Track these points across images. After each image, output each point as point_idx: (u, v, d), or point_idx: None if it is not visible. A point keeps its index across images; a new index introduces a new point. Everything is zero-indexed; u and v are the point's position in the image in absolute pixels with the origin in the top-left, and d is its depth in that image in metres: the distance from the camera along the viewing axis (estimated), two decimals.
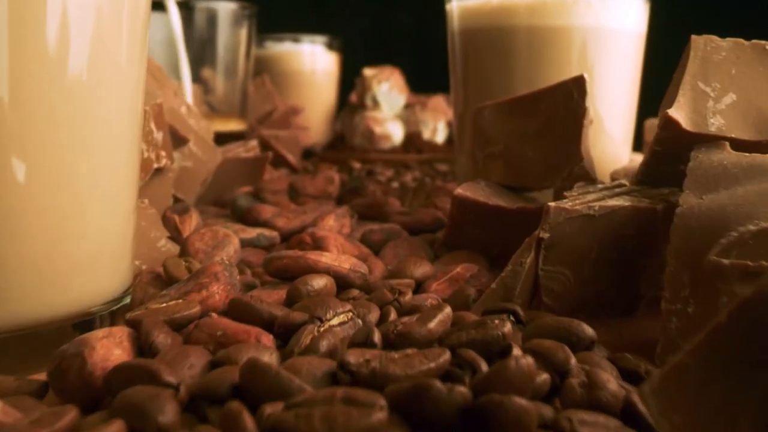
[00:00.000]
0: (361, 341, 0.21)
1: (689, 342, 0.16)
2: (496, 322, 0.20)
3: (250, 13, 0.78)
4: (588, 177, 0.35)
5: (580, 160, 0.35)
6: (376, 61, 0.93)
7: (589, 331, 0.24)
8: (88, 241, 0.26)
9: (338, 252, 0.33)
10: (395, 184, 0.66)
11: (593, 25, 0.49)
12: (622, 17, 0.49)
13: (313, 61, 1.13)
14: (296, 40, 1.13)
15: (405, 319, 0.21)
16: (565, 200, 0.30)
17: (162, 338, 0.22)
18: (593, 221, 0.29)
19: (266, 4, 1.04)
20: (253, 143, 0.62)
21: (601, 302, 0.31)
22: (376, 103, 0.85)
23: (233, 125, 0.76)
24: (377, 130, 0.81)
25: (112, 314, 0.27)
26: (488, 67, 0.51)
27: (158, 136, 0.42)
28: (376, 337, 0.20)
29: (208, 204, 0.55)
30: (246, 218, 0.43)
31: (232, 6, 0.77)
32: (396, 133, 0.82)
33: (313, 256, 0.29)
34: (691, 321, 0.24)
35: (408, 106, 0.88)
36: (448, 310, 0.21)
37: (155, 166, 0.41)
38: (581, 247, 0.30)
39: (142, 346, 0.22)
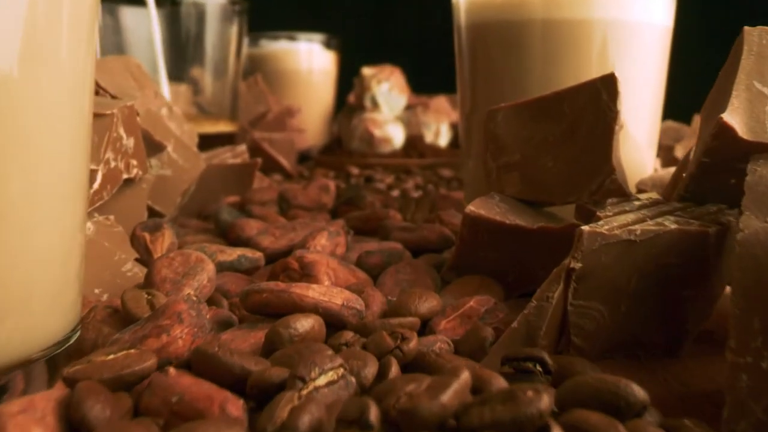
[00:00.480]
0: (354, 418, 0.16)
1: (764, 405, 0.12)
2: (530, 394, 0.16)
3: (240, 10, 0.74)
4: (620, 192, 0.30)
5: (611, 172, 0.30)
6: (376, 60, 0.88)
7: (640, 394, 0.19)
8: (20, 271, 0.21)
9: (330, 280, 0.28)
10: (396, 192, 0.62)
11: (616, 18, 0.44)
12: (647, 9, 0.44)
13: (309, 60, 1.08)
14: (292, 38, 1.08)
15: (410, 387, 0.17)
16: (599, 222, 0.25)
17: (97, 411, 0.17)
18: (633, 248, 0.25)
19: (261, 1, 0.99)
20: (242, 148, 0.57)
21: (640, 341, 0.26)
22: (375, 105, 0.80)
23: (223, 127, 0.71)
24: (377, 133, 0.76)
25: (51, 362, 0.22)
26: (499, 65, 0.47)
27: (129, 142, 0.37)
28: (373, 414, 0.16)
29: (190, 216, 0.50)
30: (228, 235, 0.38)
31: (221, 2, 0.72)
32: (396, 136, 0.78)
33: (299, 289, 0.24)
34: (766, 379, 0.20)
35: (409, 108, 0.84)
36: (465, 375, 0.16)
37: (124, 176, 0.37)
38: (618, 278, 0.25)
39: (72, 421, 0.17)
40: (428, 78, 1.42)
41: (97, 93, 0.40)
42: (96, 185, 0.34)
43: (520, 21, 0.45)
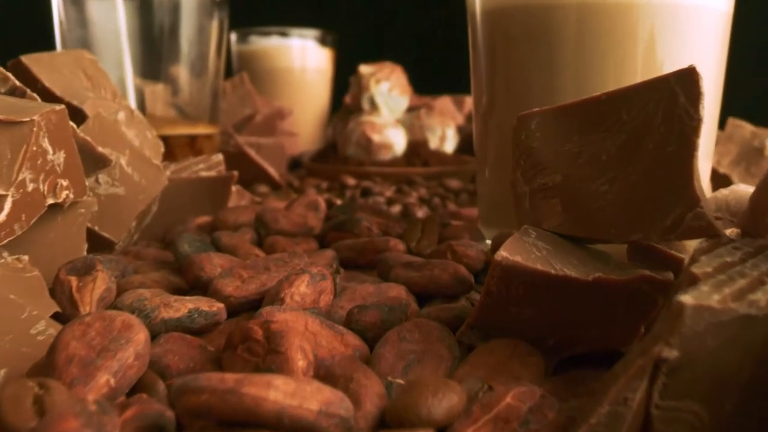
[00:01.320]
0: None
1: None
2: None
3: (221, 2, 0.65)
4: (709, 230, 0.22)
5: (695, 203, 0.22)
6: (375, 57, 0.80)
7: None
8: None
9: (306, 358, 0.20)
10: (397, 207, 0.54)
11: (668, 0, 0.36)
12: None
13: (303, 57, 1.00)
14: (284, 34, 1.00)
15: None
16: (698, 288, 0.17)
17: None
18: (753, 324, 0.17)
19: None
20: (217, 158, 0.49)
21: None
22: (374, 106, 0.72)
23: (201, 130, 0.63)
24: (375, 138, 0.68)
25: None
26: (522, 59, 0.38)
27: (57, 157, 0.29)
28: None
29: (153, 240, 0.42)
30: (186, 274, 0.30)
31: None
32: (397, 141, 0.69)
33: (255, 389, 0.16)
34: None
35: (411, 110, 0.76)
36: None
37: (49, 201, 0.28)
38: (726, 367, 0.17)
39: None
40: (431, 77, 1.34)
41: (23, 94, 0.32)
42: (2, 216, 0.26)
43: (549, 5, 0.37)
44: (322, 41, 1.02)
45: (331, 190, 0.63)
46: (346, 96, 0.86)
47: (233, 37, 1.01)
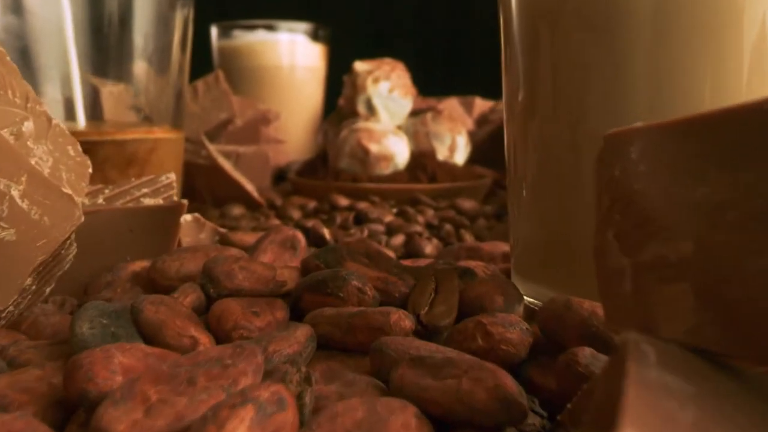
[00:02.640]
0: None
1: None
2: None
3: None
4: None
5: None
6: (372, 53, 0.69)
7: None
8: None
9: None
10: (399, 239, 0.43)
11: None
12: None
13: (292, 54, 0.90)
14: (271, 28, 0.89)
15: None
16: None
17: None
18: None
19: None
20: (168, 179, 0.38)
21: None
22: (371, 110, 0.61)
23: (159, 135, 0.52)
24: (373, 148, 0.57)
25: None
26: (576, 51, 0.28)
27: None
28: None
29: (70, 294, 0.31)
30: (67, 384, 0.19)
31: None
32: (399, 152, 0.58)
33: None
34: None
35: (415, 114, 0.65)
36: None
37: None
38: None
39: None
40: (435, 76, 1.23)
41: None
42: None
43: None
44: (314, 36, 0.91)
45: (318, 213, 0.52)
46: (340, 98, 0.75)
47: (214, 31, 0.91)
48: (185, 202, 0.36)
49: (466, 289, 0.27)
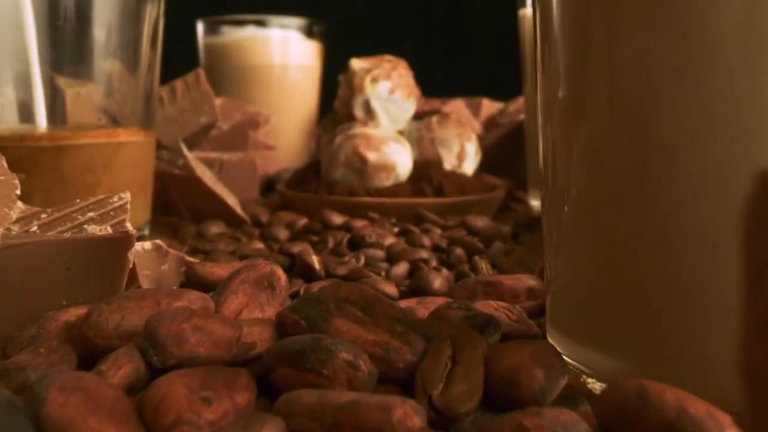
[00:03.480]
0: None
1: None
2: None
3: None
4: None
5: None
6: (371, 51, 0.62)
7: None
8: None
9: None
10: (402, 267, 0.36)
11: None
12: None
13: (284, 51, 0.83)
14: (262, 24, 0.82)
15: None
16: None
17: None
18: None
19: None
20: (121, 198, 0.31)
21: None
22: (369, 114, 0.55)
23: (125, 137, 0.45)
24: (371, 157, 0.51)
25: None
26: (640, 45, 0.21)
27: None
28: None
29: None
30: None
31: None
32: (401, 161, 0.52)
33: None
34: None
35: (419, 118, 0.58)
36: None
37: None
38: None
39: None
40: (437, 75, 1.16)
41: None
42: None
43: None
44: (308, 32, 0.84)
45: (308, 232, 0.45)
46: (336, 100, 0.68)
47: (200, 27, 0.84)
48: (133, 234, 0.29)
49: (492, 357, 0.20)
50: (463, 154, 0.54)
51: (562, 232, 0.25)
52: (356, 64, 0.56)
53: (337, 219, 0.46)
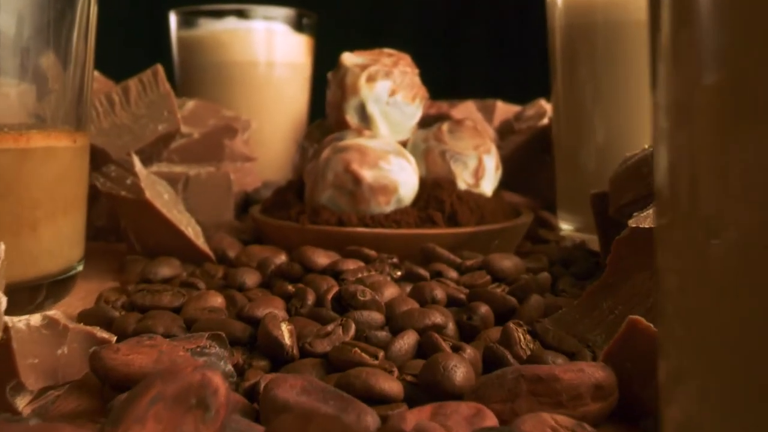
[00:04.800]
0: None
1: None
2: None
3: None
4: None
5: None
6: (367, 46, 0.52)
7: None
8: None
9: None
10: (407, 341, 0.26)
11: None
12: None
13: (269, 46, 0.72)
14: (243, 15, 0.72)
15: None
16: None
17: None
18: None
19: None
20: None
21: None
22: (365, 120, 0.44)
23: (54, 141, 0.35)
24: (367, 175, 0.40)
25: None
26: None
27: None
28: None
29: None
30: None
31: None
32: (404, 180, 0.41)
33: None
34: None
35: (426, 125, 0.47)
36: None
37: None
38: None
39: None
40: (442, 72, 1.05)
41: None
42: None
43: None
44: (297, 25, 0.74)
45: (284, 276, 0.34)
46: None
47: (173, 19, 0.73)
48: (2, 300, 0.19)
49: None
50: (482, 171, 0.44)
51: (706, 289, 0.14)
52: (349, 59, 0.45)
53: (322, 259, 0.35)
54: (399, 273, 0.34)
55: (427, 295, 0.31)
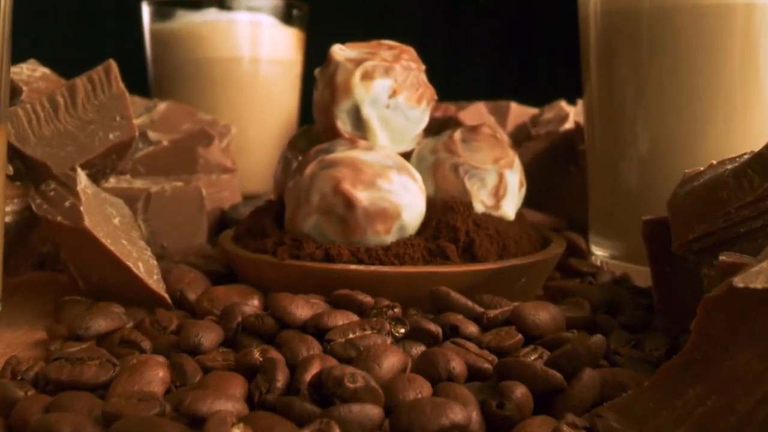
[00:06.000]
0: None
1: None
2: None
3: None
4: None
5: None
6: (363, 39, 0.43)
7: None
8: None
9: None
10: None
11: None
12: None
13: (254, 41, 0.64)
14: (225, 6, 0.64)
15: None
16: None
17: None
18: None
19: None
20: None
21: None
22: (360, 127, 0.36)
23: None
24: (362, 197, 0.32)
25: None
26: None
27: None
28: None
29: None
30: None
31: None
32: (410, 203, 0.33)
33: None
34: None
35: (432, 131, 0.39)
36: None
37: None
38: None
39: None
40: (447, 70, 0.97)
41: None
42: None
43: None
44: (286, 17, 0.66)
45: (253, 333, 0.26)
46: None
47: (145, 10, 0.65)
48: None
49: None
50: (503, 189, 0.36)
51: None
52: (340, 52, 0.37)
53: (302, 310, 0.27)
54: (402, 330, 0.26)
55: (441, 369, 0.23)
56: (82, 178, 0.36)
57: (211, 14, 0.64)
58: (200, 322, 0.27)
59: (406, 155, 0.37)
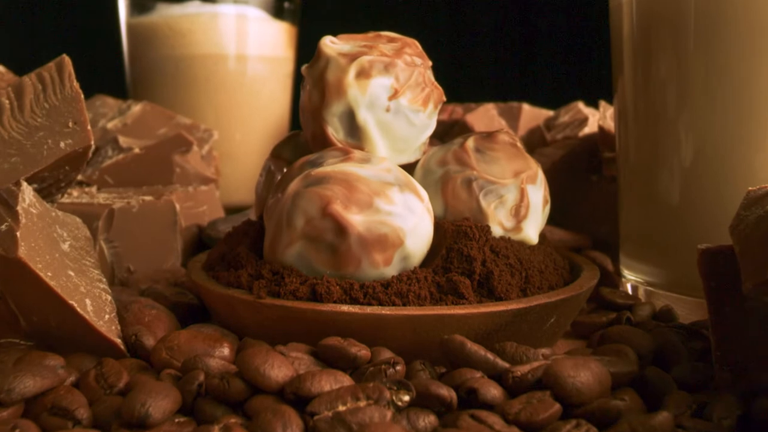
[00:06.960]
0: None
1: None
2: None
3: None
4: None
5: None
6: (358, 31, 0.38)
7: None
8: None
9: None
10: None
11: None
12: None
13: (242, 37, 0.59)
14: None
15: None
16: None
17: None
18: None
19: None
20: None
21: None
22: (355, 134, 0.30)
23: None
24: (356, 222, 0.26)
25: None
26: None
27: None
28: None
29: None
30: None
31: None
32: (414, 227, 0.27)
33: None
34: None
35: (437, 137, 0.33)
36: None
37: None
38: None
39: None
40: (450, 68, 0.91)
41: None
42: None
43: None
44: (277, 11, 0.60)
45: (221, 401, 0.21)
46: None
47: (122, 2, 0.60)
48: None
49: None
50: (525, 208, 0.30)
51: None
52: (331, 45, 0.32)
53: (279, 371, 0.21)
54: (407, 398, 0.21)
55: None
56: (27, 195, 0.31)
57: (194, 6, 0.58)
58: (150, 385, 0.22)
59: (410, 168, 0.31)
